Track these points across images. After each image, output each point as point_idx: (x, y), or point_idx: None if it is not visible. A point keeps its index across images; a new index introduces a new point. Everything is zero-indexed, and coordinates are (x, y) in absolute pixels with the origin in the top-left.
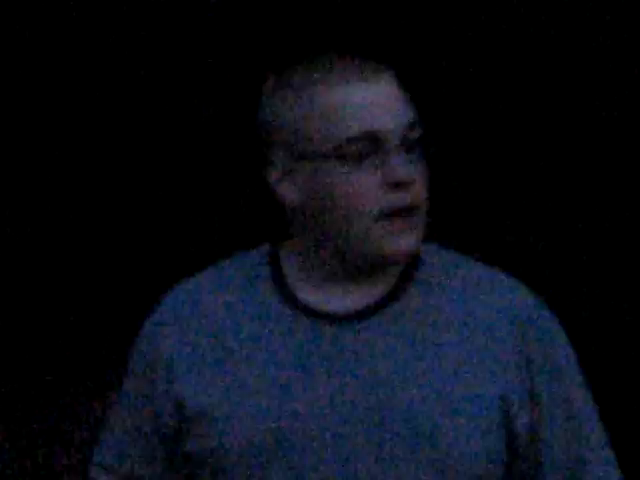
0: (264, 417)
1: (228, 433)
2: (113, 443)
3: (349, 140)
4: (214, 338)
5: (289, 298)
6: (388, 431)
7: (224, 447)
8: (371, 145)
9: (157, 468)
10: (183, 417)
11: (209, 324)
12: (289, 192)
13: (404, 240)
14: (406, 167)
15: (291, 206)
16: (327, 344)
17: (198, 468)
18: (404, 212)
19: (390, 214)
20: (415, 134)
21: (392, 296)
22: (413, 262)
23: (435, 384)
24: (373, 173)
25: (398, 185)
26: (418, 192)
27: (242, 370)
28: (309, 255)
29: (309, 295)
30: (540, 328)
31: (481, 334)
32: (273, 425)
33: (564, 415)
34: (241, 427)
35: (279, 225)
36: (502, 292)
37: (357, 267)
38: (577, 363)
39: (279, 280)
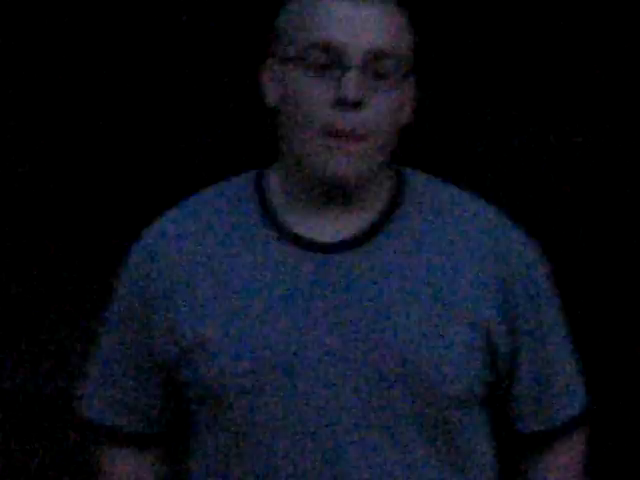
0: (259, 345)
1: (225, 361)
2: (103, 388)
3: (311, 46)
4: (207, 268)
5: (277, 226)
6: (375, 358)
7: (221, 375)
8: (331, 58)
9: (153, 399)
10: (181, 346)
11: (201, 254)
12: (270, 93)
13: (342, 163)
14: (358, 88)
15: (269, 106)
16: (316, 273)
17: (195, 397)
18: (347, 134)
19: (333, 133)
20: (386, 64)
21: (377, 226)
22: (398, 189)
23: (420, 311)
24: (328, 87)
25: (346, 104)
26: (369, 119)
27: (237, 300)
28: (287, 176)
29: (296, 223)
30: (524, 259)
31: (465, 261)
32: (267, 352)
33: (539, 342)
34: (237, 356)
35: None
36: (484, 219)
37: (323, 191)
38: (554, 290)
39: (265, 207)
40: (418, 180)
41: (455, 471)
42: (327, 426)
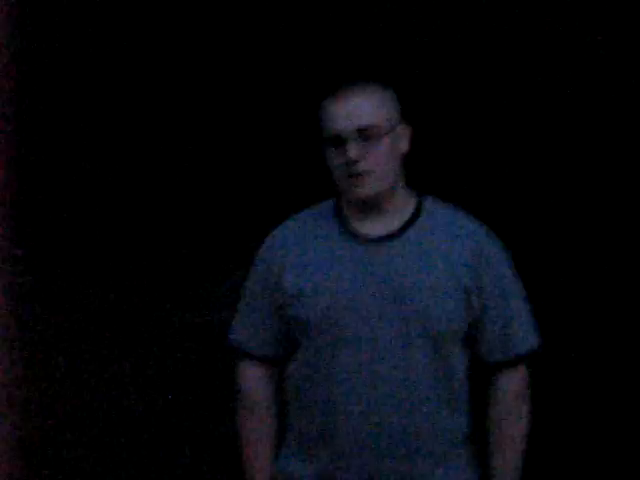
0: (330, 297)
1: (311, 306)
2: (245, 323)
3: (329, 133)
4: (304, 251)
5: (345, 228)
6: (397, 305)
7: (309, 314)
8: (340, 139)
9: (272, 330)
10: (288, 295)
11: (301, 243)
12: (328, 162)
13: (358, 190)
14: (354, 151)
15: (330, 169)
16: (366, 255)
17: (295, 327)
18: (355, 175)
19: (349, 176)
20: (369, 132)
21: (404, 228)
22: (418, 207)
23: (427, 280)
24: (341, 154)
25: (350, 162)
26: (367, 165)
27: (319, 270)
28: (344, 200)
29: (356, 226)
30: (490, 251)
31: (455, 251)
32: (335, 302)
33: (500, 302)
34: (318, 303)
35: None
36: (468, 227)
37: (359, 205)
38: (513, 272)
39: (340, 217)
40: (431, 201)
41: (444, 380)
42: (369, 344)
